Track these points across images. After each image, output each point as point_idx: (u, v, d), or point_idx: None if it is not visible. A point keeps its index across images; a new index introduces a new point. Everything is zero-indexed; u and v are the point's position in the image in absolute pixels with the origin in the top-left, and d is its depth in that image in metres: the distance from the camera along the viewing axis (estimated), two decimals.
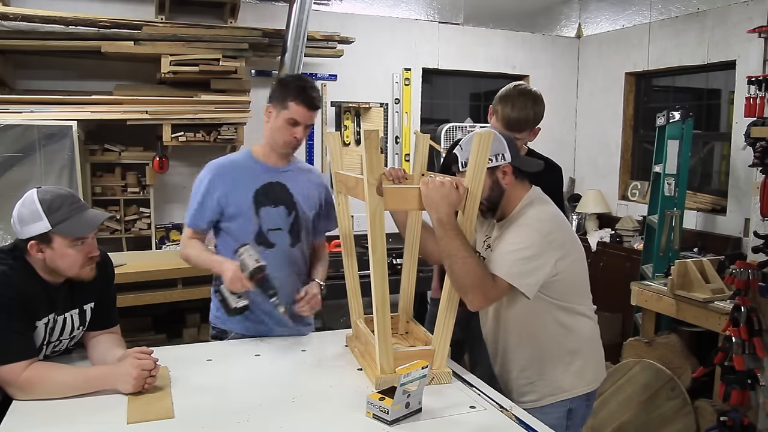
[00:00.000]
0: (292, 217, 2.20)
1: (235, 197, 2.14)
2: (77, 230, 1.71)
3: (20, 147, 3.25)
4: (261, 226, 2.14)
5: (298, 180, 2.23)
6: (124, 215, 3.88)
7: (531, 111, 2.09)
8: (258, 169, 2.19)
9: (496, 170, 1.80)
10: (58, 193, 1.73)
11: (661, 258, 3.94)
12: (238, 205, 2.14)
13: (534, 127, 2.15)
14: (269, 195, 2.17)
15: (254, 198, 2.15)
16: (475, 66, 5.01)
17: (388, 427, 1.51)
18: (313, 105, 2.12)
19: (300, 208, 2.21)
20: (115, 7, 3.91)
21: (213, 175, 2.16)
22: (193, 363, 1.92)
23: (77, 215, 1.72)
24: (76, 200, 1.75)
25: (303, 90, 2.10)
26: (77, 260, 1.73)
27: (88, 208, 1.78)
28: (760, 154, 3.23)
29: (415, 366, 1.53)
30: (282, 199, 2.18)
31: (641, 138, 5.00)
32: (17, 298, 1.65)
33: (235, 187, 2.15)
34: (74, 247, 1.71)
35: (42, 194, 1.70)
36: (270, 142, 2.18)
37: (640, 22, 4.77)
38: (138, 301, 3.42)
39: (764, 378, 2.99)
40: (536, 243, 1.72)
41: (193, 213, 2.18)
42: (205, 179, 2.16)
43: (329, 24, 4.40)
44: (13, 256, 1.72)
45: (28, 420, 1.54)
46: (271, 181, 2.18)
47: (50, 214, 1.67)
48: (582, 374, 1.85)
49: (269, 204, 2.16)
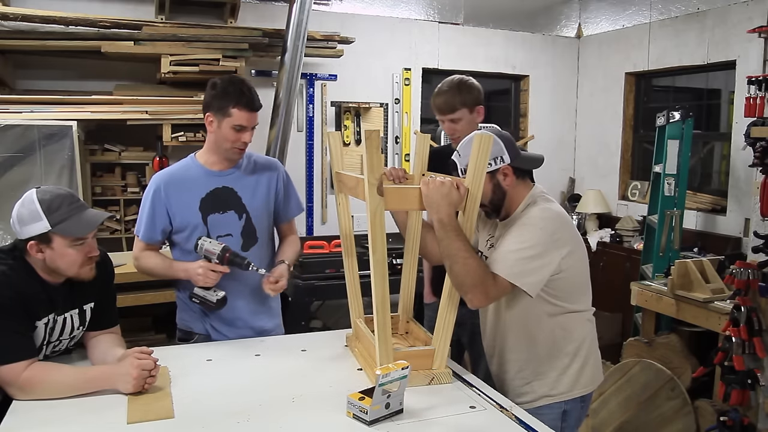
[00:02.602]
0: (244, 220, 2.17)
1: (181, 207, 2.12)
2: (77, 230, 1.71)
3: (20, 147, 3.25)
4: (210, 233, 2.12)
5: (246, 180, 2.19)
6: (124, 215, 3.87)
7: (456, 93, 2.36)
8: (203, 176, 2.15)
9: (497, 173, 1.80)
10: (58, 193, 1.73)
11: (661, 258, 3.94)
12: (184, 215, 2.12)
13: (469, 106, 2.37)
14: (216, 201, 2.13)
15: (200, 206, 2.12)
16: (475, 66, 5.01)
17: (375, 427, 1.50)
18: (255, 106, 2.08)
19: (251, 210, 2.18)
20: (115, 7, 3.91)
21: (158, 186, 2.13)
22: (193, 363, 1.92)
23: (77, 215, 1.71)
24: (76, 200, 1.75)
25: (242, 93, 2.05)
26: (77, 260, 1.73)
27: (87, 208, 1.77)
28: (760, 154, 3.23)
29: (395, 366, 1.52)
30: (230, 203, 2.15)
31: (641, 138, 5.00)
32: (17, 299, 1.65)
33: (180, 196, 2.12)
34: (74, 247, 1.71)
35: (41, 194, 1.70)
36: (215, 149, 2.14)
37: (640, 22, 4.77)
38: (138, 301, 3.41)
39: (764, 378, 2.99)
40: (540, 242, 1.72)
41: (145, 227, 2.14)
42: (151, 191, 2.13)
43: (329, 24, 4.40)
44: (13, 256, 1.72)
45: (28, 420, 1.54)
46: (217, 186, 2.14)
47: (50, 214, 1.67)
48: (579, 377, 1.85)
49: (216, 211, 2.13)
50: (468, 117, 2.38)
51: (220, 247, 2.01)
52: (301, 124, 4.49)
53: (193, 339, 2.23)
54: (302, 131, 4.50)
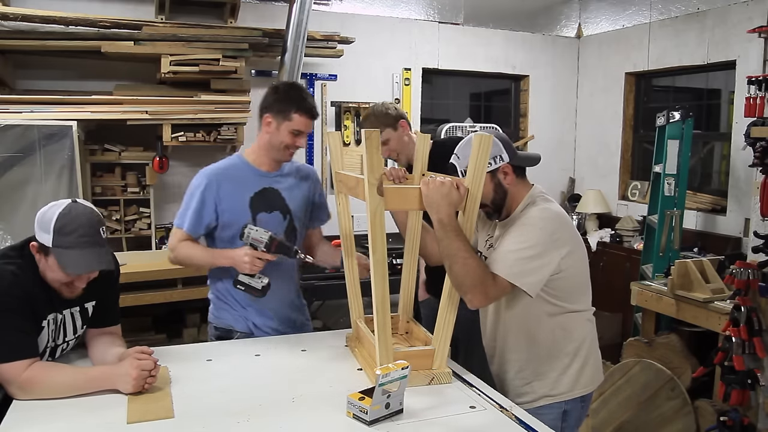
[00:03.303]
0: (287, 221, 2.21)
1: (232, 204, 2.14)
2: (68, 265, 1.66)
3: (20, 147, 3.25)
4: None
5: (290, 184, 2.25)
6: (124, 215, 3.88)
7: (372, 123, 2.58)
8: (252, 175, 2.19)
9: (497, 172, 1.81)
10: (80, 221, 1.67)
11: (661, 258, 3.94)
12: (234, 211, 2.14)
13: (392, 124, 2.60)
14: (263, 201, 2.18)
15: (250, 204, 2.15)
16: (475, 66, 5.01)
17: (375, 427, 1.51)
18: (315, 114, 2.16)
19: (294, 213, 2.23)
20: (115, 7, 3.91)
21: (210, 181, 2.15)
22: (193, 363, 1.92)
23: (80, 250, 1.66)
24: (92, 234, 1.69)
25: (304, 100, 2.12)
26: (62, 280, 1.70)
27: (97, 246, 1.70)
28: (760, 154, 3.23)
29: (395, 366, 1.53)
30: (276, 204, 2.20)
31: (641, 138, 5.00)
32: (25, 298, 1.65)
33: (231, 193, 2.15)
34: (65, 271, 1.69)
35: (66, 210, 1.67)
36: (267, 149, 2.18)
37: (640, 22, 4.77)
38: (138, 301, 3.42)
39: (764, 378, 2.99)
40: (540, 242, 1.72)
41: (190, 219, 2.14)
42: (201, 186, 2.14)
43: (329, 24, 4.40)
44: (22, 255, 1.72)
45: (29, 419, 1.54)
46: (265, 186, 2.19)
47: (56, 234, 1.64)
48: (579, 377, 1.85)
49: (265, 210, 2.17)
50: (394, 135, 2.60)
51: (267, 235, 2.02)
52: None
53: (235, 337, 2.24)
54: None
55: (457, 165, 1.82)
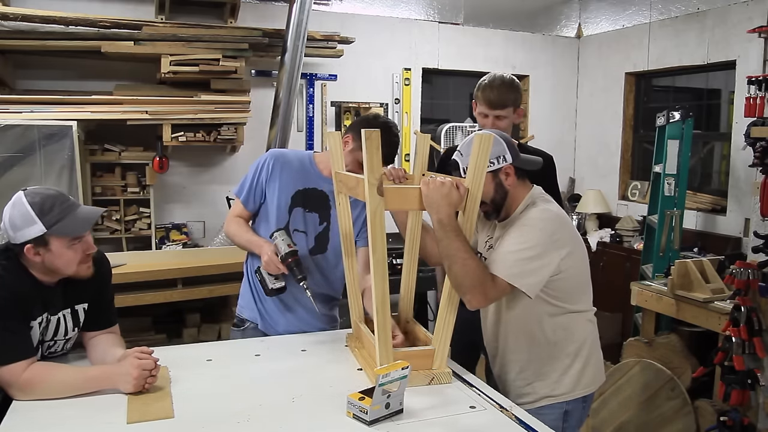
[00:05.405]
0: (323, 227, 2.22)
1: (277, 189, 2.18)
2: (73, 230, 1.69)
3: (20, 147, 3.25)
4: (289, 224, 2.18)
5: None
6: (124, 215, 3.88)
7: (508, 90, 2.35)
8: (312, 173, 2.22)
9: (499, 172, 1.80)
10: (47, 194, 1.70)
11: (661, 258, 3.94)
12: (277, 197, 2.18)
13: (516, 106, 2.38)
14: (308, 198, 2.20)
15: (292, 196, 2.18)
16: (475, 66, 5.01)
17: (375, 427, 1.51)
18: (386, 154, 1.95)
19: (334, 222, 2.19)
20: (115, 7, 3.91)
21: (272, 160, 2.20)
22: (193, 363, 1.92)
23: (71, 214, 1.70)
24: (66, 199, 1.73)
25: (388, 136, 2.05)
26: (75, 259, 1.72)
27: (79, 206, 1.76)
28: (760, 154, 3.23)
29: (395, 366, 1.52)
30: (319, 207, 2.21)
31: (641, 138, 5.00)
32: (12, 299, 1.64)
33: (283, 180, 2.18)
34: (71, 247, 1.71)
35: (31, 197, 1.67)
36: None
37: (640, 22, 4.77)
38: (138, 301, 3.41)
39: (764, 378, 2.99)
40: (540, 243, 1.72)
41: (246, 191, 2.21)
42: (264, 162, 2.20)
43: (329, 24, 4.40)
44: (6, 257, 1.71)
45: (28, 420, 1.53)
46: (316, 187, 2.20)
47: (43, 217, 1.65)
48: (580, 377, 1.85)
49: (304, 207, 2.19)
50: (512, 116, 2.42)
51: (288, 250, 2.04)
52: (301, 124, 4.49)
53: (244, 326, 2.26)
54: (302, 131, 4.50)
55: (460, 162, 1.82)
